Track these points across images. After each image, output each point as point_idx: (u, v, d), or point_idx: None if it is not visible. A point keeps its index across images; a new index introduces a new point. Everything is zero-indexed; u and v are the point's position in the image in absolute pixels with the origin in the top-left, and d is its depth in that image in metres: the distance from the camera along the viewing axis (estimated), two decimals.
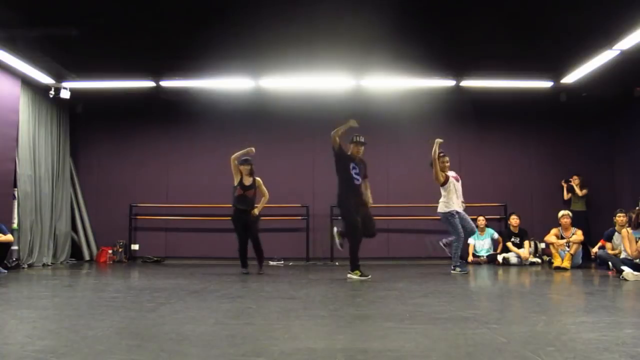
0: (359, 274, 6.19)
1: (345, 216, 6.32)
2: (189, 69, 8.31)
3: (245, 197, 7.02)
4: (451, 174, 7.19)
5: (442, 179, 7.05)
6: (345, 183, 6.30)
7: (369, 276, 6.20)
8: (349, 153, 6.40)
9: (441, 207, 7.09)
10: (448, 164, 7.17)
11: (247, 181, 7.07)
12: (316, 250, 9.62)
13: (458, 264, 7.00)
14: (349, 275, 6.28)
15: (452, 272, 6.93)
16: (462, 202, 7.21)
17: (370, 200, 6.51)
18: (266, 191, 7.24)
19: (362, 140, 6.44)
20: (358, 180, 6.35)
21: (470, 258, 9.07)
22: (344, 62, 7.92)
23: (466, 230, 7.06)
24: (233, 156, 7.08)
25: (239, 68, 8.21)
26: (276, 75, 8.43)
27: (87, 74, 8.54)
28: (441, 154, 7.12)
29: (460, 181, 7.24)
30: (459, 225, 6.94)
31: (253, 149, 7.06)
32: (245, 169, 7.07)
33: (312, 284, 5.92)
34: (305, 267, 8.50)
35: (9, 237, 7.07)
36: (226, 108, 9.52)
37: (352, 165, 6.31)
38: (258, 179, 7.21)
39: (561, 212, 8.28)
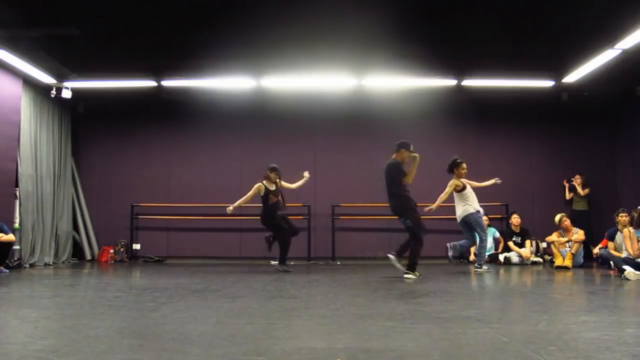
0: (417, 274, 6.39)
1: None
2: (190, 68, 8.32)
3: (279, 202, 7.48)
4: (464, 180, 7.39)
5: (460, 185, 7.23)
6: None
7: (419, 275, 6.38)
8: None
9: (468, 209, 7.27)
10: (464, 171, 7.31)
11: (272, 187, 7.47)
12: (317, 250, 9.62)
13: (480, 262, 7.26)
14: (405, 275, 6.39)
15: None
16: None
17: None
18: (286, 184, 7.71)
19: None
20: None
21: (471, 257, 9.07)
22: (345, 61, 7.92)
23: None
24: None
25: (240, 67, 8.22)
26: (277, 74, 8.43)
27: (89, 74, 8.56)
28: (457, 160, 7.31)
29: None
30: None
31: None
32: (274, 176, 7.47)
33: (314, 283, 5.92)
34: (306, 267, 8.50)
35: (10, 237, 7.08)
36: (227, 107, 9.53)
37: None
38: (283, 182, 7.68)
39: (558, 217, 8.26)
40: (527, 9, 6.42)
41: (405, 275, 6.34)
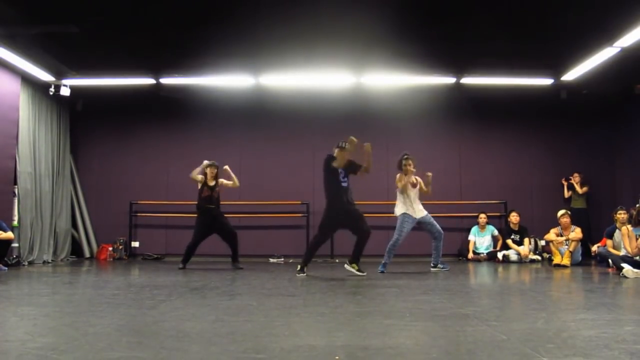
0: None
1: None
2: (188, 66, 8.30)
3: (212, 196, 7.59)
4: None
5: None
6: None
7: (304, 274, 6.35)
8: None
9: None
10: (410, 168, 6.86)
11: (212, 182, 7.64)
12: None
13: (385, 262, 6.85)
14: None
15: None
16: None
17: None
18: (235, 179, 7.79)
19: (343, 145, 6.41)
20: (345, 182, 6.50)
21: (470, 255, 9.09)
22: (344, 59, 7.90)
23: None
24: (194, 172, 7.68)
25: (239, 65, 8.20)
26: (276, 72, 8.42)
27: (87, 71, 8.53)
28: (405, 157, 6.92)
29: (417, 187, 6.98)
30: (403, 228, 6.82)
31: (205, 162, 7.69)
32: (212, 172, 7.64)
33: (312, 281, 5.92)
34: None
35: (9, 235, 7.07)
36: (226, 105, 9.52)
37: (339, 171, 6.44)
38: (220, 179, 7.78)
39: (560, 212, 8.26)
40: (526, 6, 6.41)
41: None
